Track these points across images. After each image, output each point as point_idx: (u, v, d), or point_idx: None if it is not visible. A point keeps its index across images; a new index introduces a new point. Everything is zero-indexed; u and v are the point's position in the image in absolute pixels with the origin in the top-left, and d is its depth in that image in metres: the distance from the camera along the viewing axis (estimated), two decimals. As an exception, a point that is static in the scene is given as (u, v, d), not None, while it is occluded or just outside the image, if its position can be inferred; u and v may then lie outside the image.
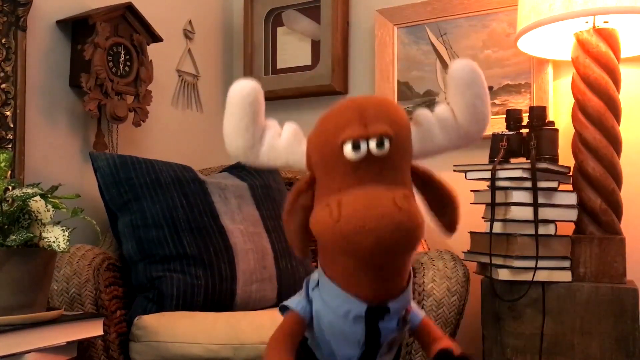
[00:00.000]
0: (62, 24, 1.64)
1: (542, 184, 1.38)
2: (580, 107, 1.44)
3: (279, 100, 2.15)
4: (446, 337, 1.00)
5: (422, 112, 0.92)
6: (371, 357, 0.93)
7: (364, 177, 0.84)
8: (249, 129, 0.90)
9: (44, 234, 1.07)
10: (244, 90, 0.90)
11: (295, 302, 0.95)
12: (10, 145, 1.46)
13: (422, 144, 0.90)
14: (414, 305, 1.01)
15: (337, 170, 0.85)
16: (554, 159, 1.44)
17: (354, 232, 0.78)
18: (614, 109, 1.42)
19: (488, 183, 1.43)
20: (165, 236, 1.47)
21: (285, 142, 0.92)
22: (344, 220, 0.79)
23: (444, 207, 0.90)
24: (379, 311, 0.88)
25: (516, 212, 1.38)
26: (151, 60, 1.78)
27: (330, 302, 0.90)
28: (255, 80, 0.91)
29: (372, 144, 0.83)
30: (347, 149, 0.83)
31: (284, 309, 0.96)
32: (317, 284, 0.94)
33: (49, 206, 1.11)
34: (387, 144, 0.84)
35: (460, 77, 0.89)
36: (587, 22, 1.46)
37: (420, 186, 0.91)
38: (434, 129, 0.91)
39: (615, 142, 1.42)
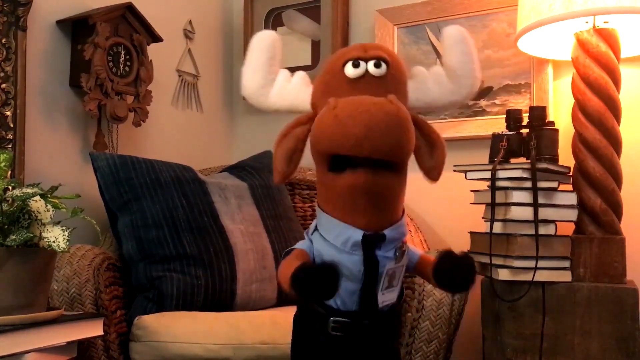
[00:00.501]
0: (62, 24, 1.64)
1: (542, 184, 1.38)
2: (580, 107, 1.44)
3: (279, 100, 2.14)
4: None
5: (418, 67, 1.01)
6: (371, 289, 0.96)
7: (362, 93, 0.91)
8: (263, 69, 1.01)
9: (44, 234, 1.07)
10: (263, 35, 1.02)
11: (299, 244, 1.01)
12: (10, 145, 1.46)
13: (416, 94, 0.99)
14: (411, 245, 1.05)
15: (339, 91, 0.93)
16: (554, 159, 1.44)
17: (348, 115, 0.86)
18: (614, 109, 1.42)
19: (488, 183, 1.43)
20: (165, 236, 1.48)
21: (294, 85, 1.02)
22: (340, 108, 0.87)
23: (432, 149, 0.97)
24: (376, 238, 0.93)
25: (516, 212, 1.38)
26: (151, 60, 1.78)
27: (329, 235, 0.96)
28: (275, 32, 1.03)
29: (371, 64, 0.93)
30: (348, 66, 0.93)
31: (287, 254, 1.01)
32: (315, 228, 0.99)
33: (49, 206, 1.11)
34: (383, 66, 0.93)
35: (450, 37, 0.99)
36: (587, 22, 1.46)
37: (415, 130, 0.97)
38: (428, 82, 1.00)
39: (615, 142, 1.42)
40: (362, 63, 0.93)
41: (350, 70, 0.93)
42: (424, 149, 0.96)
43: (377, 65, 0.93)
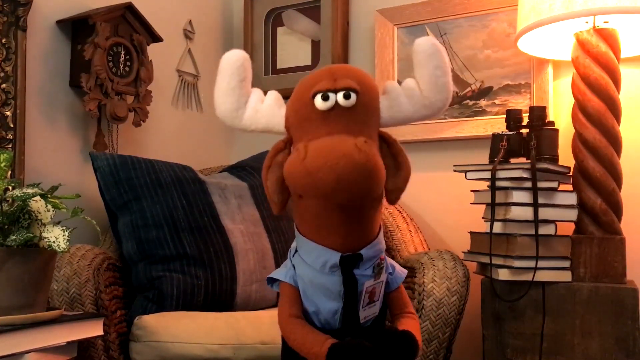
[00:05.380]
0: (62, 24, 1.64)
1: (542, 184, 1.38)
2: (580, 107, 1.44)
3: (279, 100, 2.14)
4: (408, 317, 1.04)
5: (390, 83, 1.02)
6: (353, 307, 0.98)
7: (332, 128, 0.92)
8: (235, 92, 1.00)
9: (44, 234, 1.07)
10: (233, 57, 1.00)
11: (283, 274, 1.03)
12: (10, 145, 1.46)
13: (390, 112, 0.99)
14: (398, 266, 1.07)
15: (310, 123, 0.94)
16: (554, 159, 1.44)
17: (317, 169, 0.86)
18: (614, 109, 1.42)
19: (488, 183, 1.43)
20: (165, 236, 1.48)
21: (267, 106, 1.01)
22: (309, 159, 0.87)
23: (398, 170, 0.97)
24: (353, 258, 0.96)
25: (516, 212, 1.38)
26: (151, 60, 1.78)
27: (308, 258, 0.98)
28: (244, 52, 1.00)
29: (340, 95, 0.93)
30: (318, 99, 0.93)
31: (271, 281, 1.04)
32: (297, 250, 1.01)
33: (49, 206, 1.11)
34: (353, 96, 0.93)
35: (422, 51, 0.98)
36: (587, 22, 1.46)
37: (385, 150, 0.98)
38: (401, 98, 1.00)
39: (615, 142, 1.42)
40: (331, 95, 0.93)
41: (319, 103, 0.93)
42: (391, 169, 0.96)
43: (346, 97, 0.93)
